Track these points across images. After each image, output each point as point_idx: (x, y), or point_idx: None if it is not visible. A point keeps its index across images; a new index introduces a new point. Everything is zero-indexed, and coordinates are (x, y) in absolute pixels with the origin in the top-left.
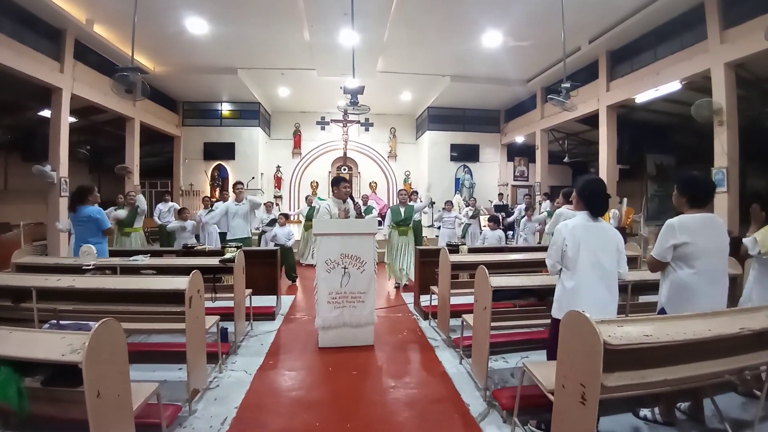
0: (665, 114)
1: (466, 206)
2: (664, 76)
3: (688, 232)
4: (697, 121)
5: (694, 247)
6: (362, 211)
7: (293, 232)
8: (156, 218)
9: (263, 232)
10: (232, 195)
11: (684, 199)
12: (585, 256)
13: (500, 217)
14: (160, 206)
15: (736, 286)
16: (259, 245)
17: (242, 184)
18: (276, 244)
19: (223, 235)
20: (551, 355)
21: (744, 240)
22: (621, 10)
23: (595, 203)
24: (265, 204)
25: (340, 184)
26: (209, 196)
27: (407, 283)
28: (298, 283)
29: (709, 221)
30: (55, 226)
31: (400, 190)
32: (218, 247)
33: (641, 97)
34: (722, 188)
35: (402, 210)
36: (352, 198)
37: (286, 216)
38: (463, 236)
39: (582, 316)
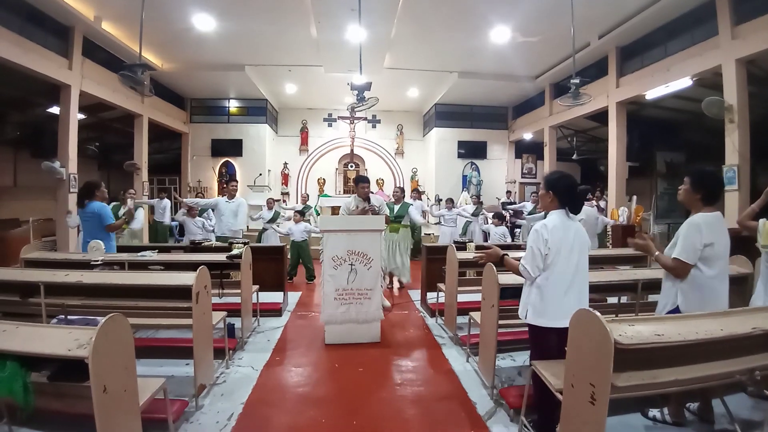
0: (676, 111)
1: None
2: (674, 73)
3: (713, 231)
4: (707, 118)
5: (719, 247)
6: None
7: (309, 228)
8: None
9: (264, 229)
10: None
11: (698, 195)
12: (564, 258)
13: (504, 214)
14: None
15: (747, 284)
16: (259, 242)
17: (236, 182)
18: (293, 241)
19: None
20: (534, 357)
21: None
22: (631, 5)
23: (572, 199)
24: (266, 201)
25: (358, 184)
26: (202, 193)
27: (399, 285)
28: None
29: (720, 219)
30: (65, 220)
31: (395, 188)
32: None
33: (651, 94)
34: (733, 186)
35: (396, 207)
36: (368, 200)
37: (301, 213)
38: (463, 233)
39: (593, 315)
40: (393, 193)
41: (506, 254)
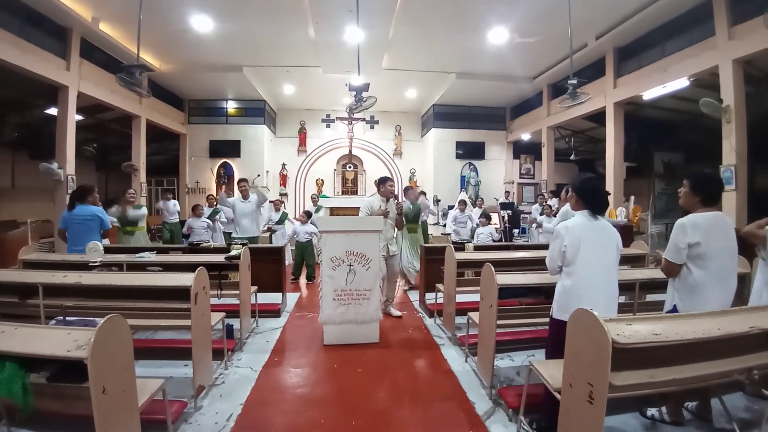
0: (673, 111)
1: (473, 206)
2: (671, 73)
3: (700, 231)
4: (705, 118)
5: (707, 246)
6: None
7: (316, 231)
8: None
9: (273, 231)
10: (237, 193)
11: (698, 198)
12: (585, 255)
13: (491, 215)
14: (161, 204)
15: (745, 284)
16: (270, 242)
17: (246, 180)
18: (297, 242)
19: (228, 235)
20: (549, 356)
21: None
22: (628, 6)
23: (595, 201)
24: (272, 202)
25: (386, 182)
26: (213, 194)
27: (414, 282)
28: (303, 279)
29: (719, 220)
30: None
31: (406, 188)
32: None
33: (649, 94)
34: (730, 186)
35: (410, 206)
36: (396, 197)
37: (309, 214)
38: (472, 236)
39: (590, 314)
40: (404, 191)
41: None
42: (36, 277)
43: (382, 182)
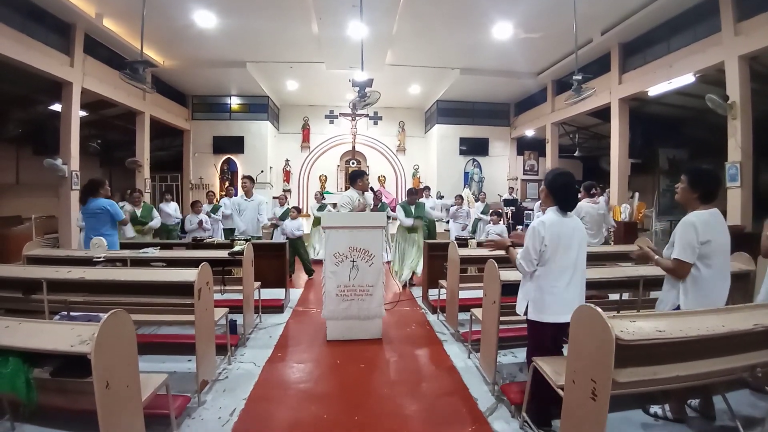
0: (678, 107)
1: (476, 201)
2: (677, 69)
3: (709, 229)
4: (710, 114)
5: (715, 244)
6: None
7: (302, 225)
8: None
9: (276, 225)
10: (240, 191)
11: (696, 194)
12: (562, 254)
13: (503, 212)
14: (162, 206)
15: (749, 282)
16: (271, 239)
17: (250, 178)
18: (286, 237)
19: (229, 231)
20: (530, 355)
21: None
22: (634, 2)
23: (566, 198)
24: (276, 198)
25: (363, 176)
26: (213, 191)
27: (413, 281)
28: (302, 276)
29: (718, 216)
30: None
31: (409, 189)
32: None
33: (654, 90)
34: (736, 183)
35: (412, 208)
36: (372, 190)
37: (298, 210)
38: (474, 231)
39: (594, 311)
40: (407, 193)
41: (512, 246)
42: (40, 273)
43: (359, 176)
